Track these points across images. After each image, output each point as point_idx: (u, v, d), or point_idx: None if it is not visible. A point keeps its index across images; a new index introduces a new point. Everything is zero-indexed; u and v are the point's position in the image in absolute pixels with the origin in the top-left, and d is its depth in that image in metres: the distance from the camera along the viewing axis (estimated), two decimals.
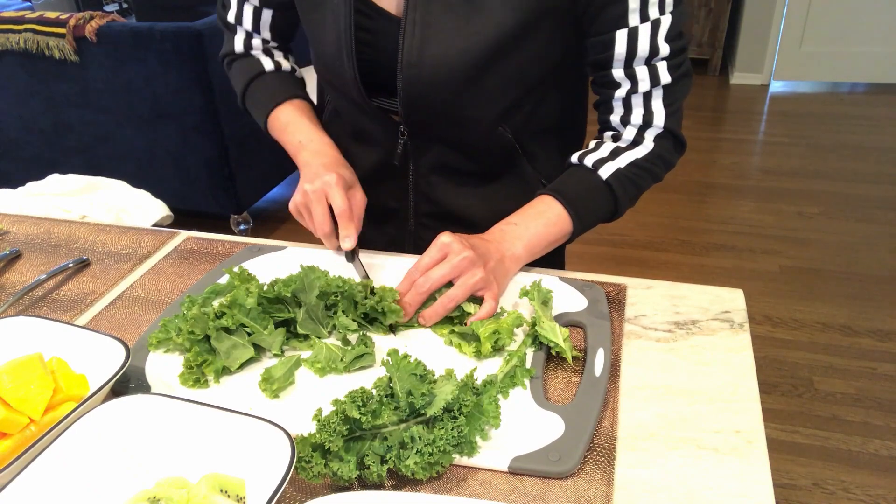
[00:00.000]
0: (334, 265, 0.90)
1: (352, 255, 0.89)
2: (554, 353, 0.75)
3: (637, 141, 0.87)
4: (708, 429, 0.66)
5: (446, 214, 1.00)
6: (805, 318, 2.30)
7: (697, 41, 4.30)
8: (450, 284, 0.79)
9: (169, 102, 2.50)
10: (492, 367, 0.74)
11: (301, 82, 1.06)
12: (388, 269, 0.91)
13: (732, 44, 4.32)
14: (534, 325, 0.75)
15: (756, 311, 2.33)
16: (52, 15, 2.50)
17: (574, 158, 0.90)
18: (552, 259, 0.94)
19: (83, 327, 0.75)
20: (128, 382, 0.73)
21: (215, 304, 0.78)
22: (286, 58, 1.06)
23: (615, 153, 0.87)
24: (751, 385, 0.71)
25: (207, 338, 0.75)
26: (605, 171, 0.86)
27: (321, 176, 0.87)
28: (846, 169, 3.23)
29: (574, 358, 0.74)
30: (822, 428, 1.89)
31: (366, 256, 0.93)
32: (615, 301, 0.84)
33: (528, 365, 0.73)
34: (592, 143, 0.91)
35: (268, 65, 1.02)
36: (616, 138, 0.89)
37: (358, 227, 0.88)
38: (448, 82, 0.82)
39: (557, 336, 0.74)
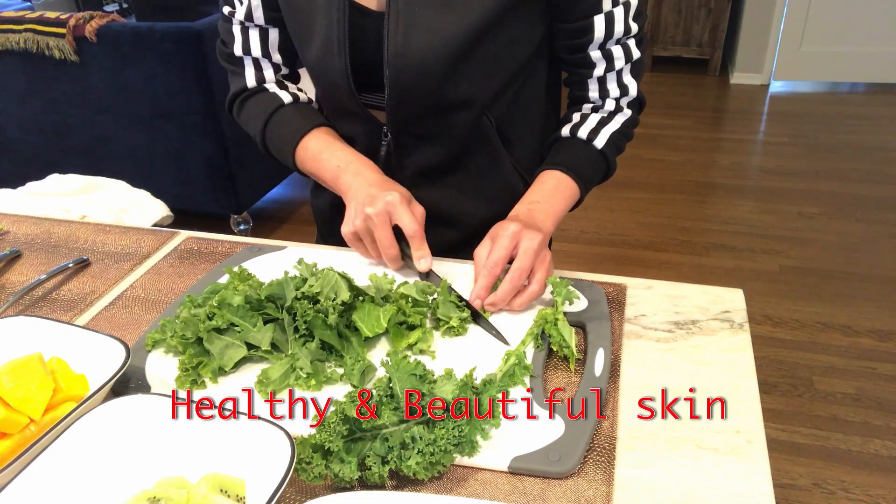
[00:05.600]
0: (335, 265, 0.90)
1: (426, 275, 0.86)
2: (556, 350, 0.75)
3: (616, 110, 0.96)
4: (708, 429, 0.66)
5: (429, 215, 1.00)
6: (805, 318, 2.30)
7: (697, 41, 4.30)
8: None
9: (169, 102, 2.50)
10: (491, 366, 0.74)
11: (321, 111, 1.02)
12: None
13: (732, 44, 4.31)
14: (544, 321, 0.75)
15: (756, 311, 2.33)
16: (52, 15, 2.50)
17: (565, 132, 0.96)
18: None
19: (83, 327, 0.75)
20: (128, 382, 0.73)
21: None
22: (300, 90, 1.02)
23: (602, 123, 0.95)
24: (751, 385, 0.71)
25: (201, 339, 0.74)
26: (599, 142, 0.94)
27: (381, 196, 0.83)
28: (846, 169, 3.23)
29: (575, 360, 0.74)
30: (822, 428, 1.89)
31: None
32: (615, 301, 0.84)
33: (527, 362, 0.73)
34: (577, 117, 0.97)
35: (286, 98, 0.98)
36: (596, 109, 0.96)
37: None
38: (435, 69, 0.84)
39: (571, 339, 0.74)
